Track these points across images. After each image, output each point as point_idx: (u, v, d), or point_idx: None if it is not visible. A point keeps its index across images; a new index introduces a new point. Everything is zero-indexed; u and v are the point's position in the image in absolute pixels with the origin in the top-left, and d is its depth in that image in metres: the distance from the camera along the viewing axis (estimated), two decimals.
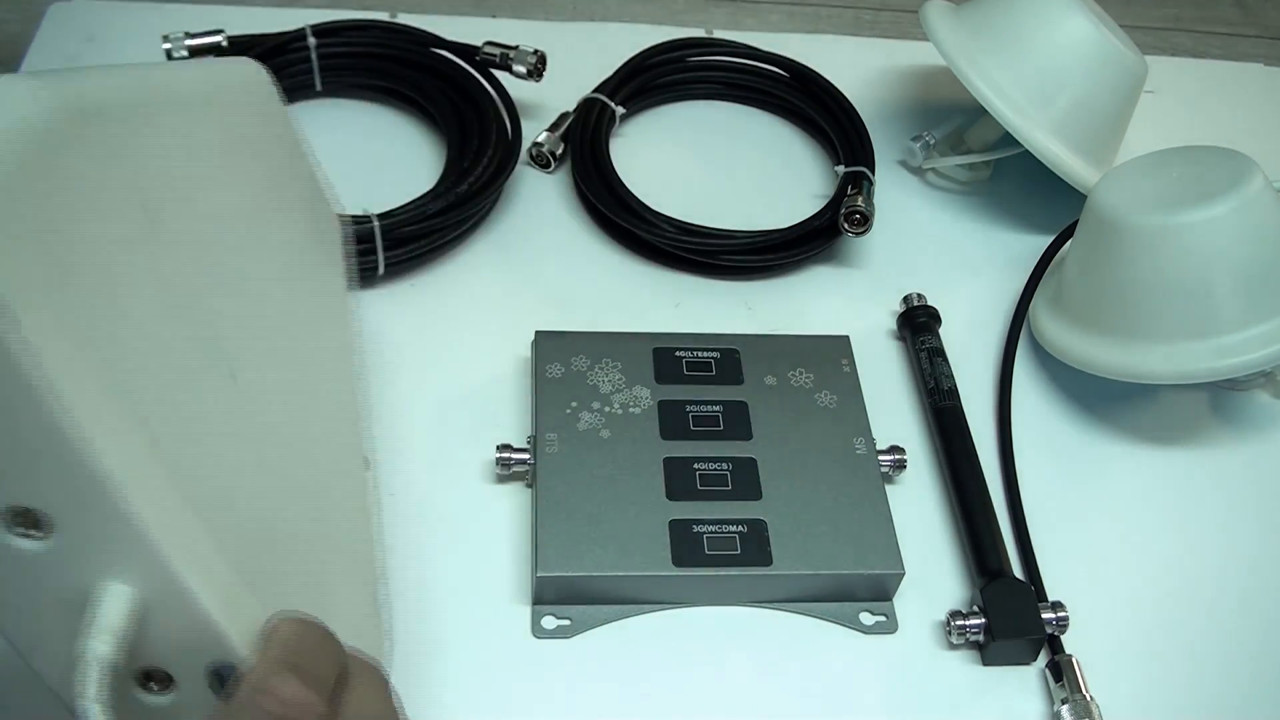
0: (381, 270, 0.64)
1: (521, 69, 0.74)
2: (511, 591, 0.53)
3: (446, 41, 0.75)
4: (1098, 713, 0.50)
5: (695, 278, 0.69)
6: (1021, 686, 0.53)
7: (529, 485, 0.57)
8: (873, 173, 0.71)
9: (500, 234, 0.70)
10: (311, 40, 0.73)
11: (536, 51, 0.74)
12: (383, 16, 0.82)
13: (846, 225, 0.68)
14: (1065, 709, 0.51)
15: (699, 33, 0.83)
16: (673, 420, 0.57)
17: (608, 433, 0.56)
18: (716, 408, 0.58)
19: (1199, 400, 0.66)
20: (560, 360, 0.59)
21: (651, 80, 0.78)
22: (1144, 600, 0.57)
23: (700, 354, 0.60)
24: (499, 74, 0.74)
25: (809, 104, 0.78)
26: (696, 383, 0.59)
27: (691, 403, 0.58)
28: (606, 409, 0.57)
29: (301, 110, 0.74)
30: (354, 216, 0.63)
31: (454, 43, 0.75)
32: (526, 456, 0.56)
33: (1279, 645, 0.56)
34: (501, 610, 0.53)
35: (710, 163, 0.76)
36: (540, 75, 0.74)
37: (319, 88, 0.75)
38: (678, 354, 0.60)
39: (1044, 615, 0.53)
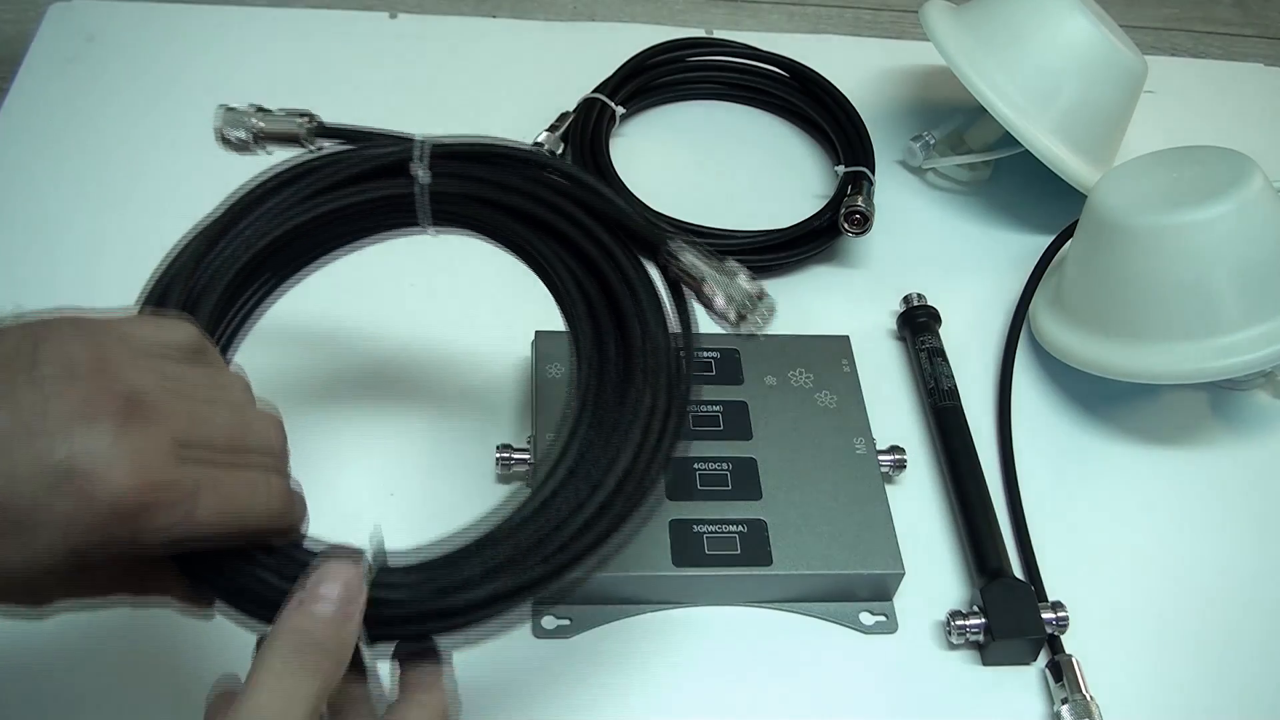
0: None
1: None
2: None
3: None
4: (1098, 713, 0.50)
5: None
6: (1021, 686, 0.53)
7: (529, 485, 0.57)
8: (873, 173, 0.71)
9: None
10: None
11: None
12: (382, 16, 0.82)
13: (846, 225, 0.68)
14: (1065, 709, 0.51)
15: (699, 33, 0.83)
16: None
17: None
18: (716, 408, 0.58)
19: (1199, 400, 0.66)
20: (560, 360, 0.59)
21: (651, 80, 0.78)
22: (1144, 600, 0.57)
23: (700, 354, 0.60)
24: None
25: (809, 104, 0.78)
26: (696, 382, 0.59)
27: (692, 403, 0.58)
28: None
29: None
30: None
31: None
32: (526, 456, 0.56)
33: (1278, 645, 0.56)
34: None
35: (710, 163, 0.76)
36: None
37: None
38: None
39: (1044, 615, 0.53)
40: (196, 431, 0.33)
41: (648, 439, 0.42)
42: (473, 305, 0.65)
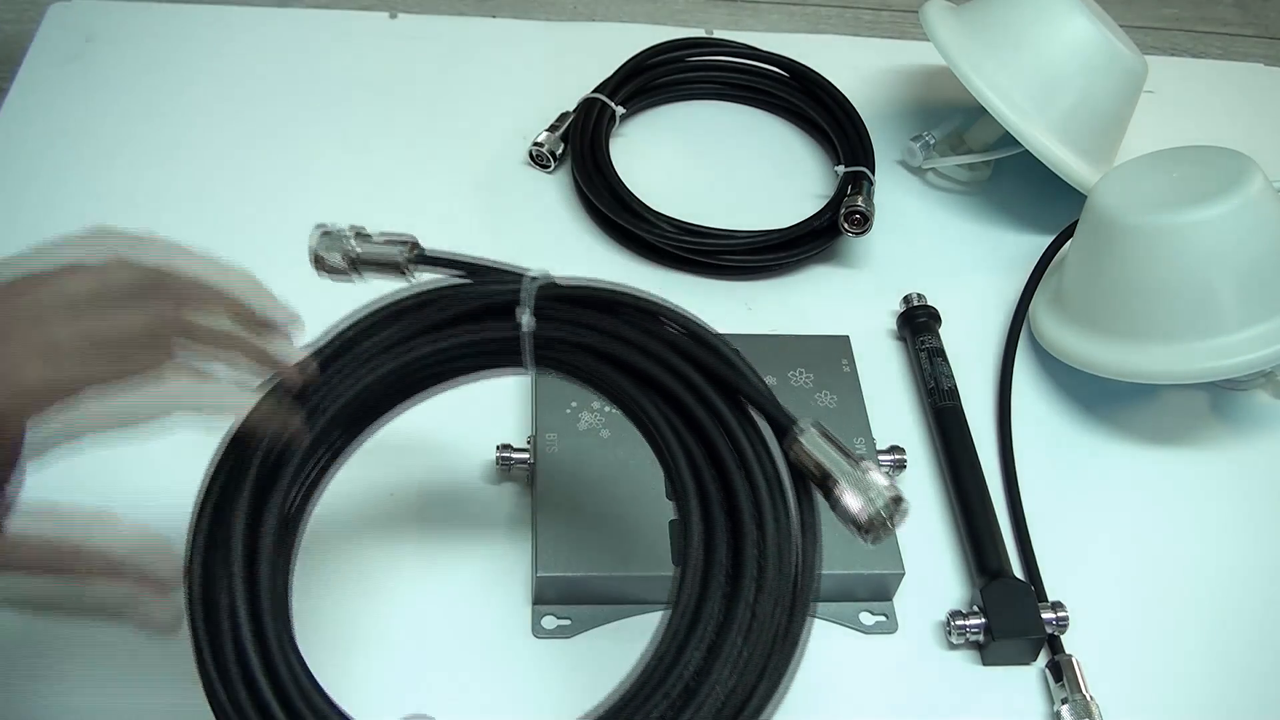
0: None
1: None
2: (512, 591, 0.53)
3: None
4: (1098, 713, 0.50)
5: (695, 277, 0.69)
6: (1021, 686, 0.53)
7: (529, 485, 0.57)
8: (873, 173, 0.71)
9: (501, 233, 0.70)
10: None
11: None
12: (382, 16, 0.82)
13: (846, 225, 0.67)
14: (1065, 709, 0.51)
15: (699, 33, 0.83)
16: None
17: (608, 433, 0.56)
18: None
19: (1199, 400, 0.66)
20: None
21: (651, 80, 0.78)
22: (1144, 600, 0.57)
23: None
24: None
25: (809, 104, 0.78)
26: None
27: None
28: (606, 409, 0.57)
29: None
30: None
31: None
32: (526, 456, 0.56)
33: (1278, 645, 0.56)
34: (501, 610, 0.53)
35: (710, 163, 0.76)
36: None
37: None
38: None
39: (1044, 615, 0.53)
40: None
41: (744, 680, 0.38)
42: None
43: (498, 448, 0.56)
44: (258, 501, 0.41)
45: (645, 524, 0.53)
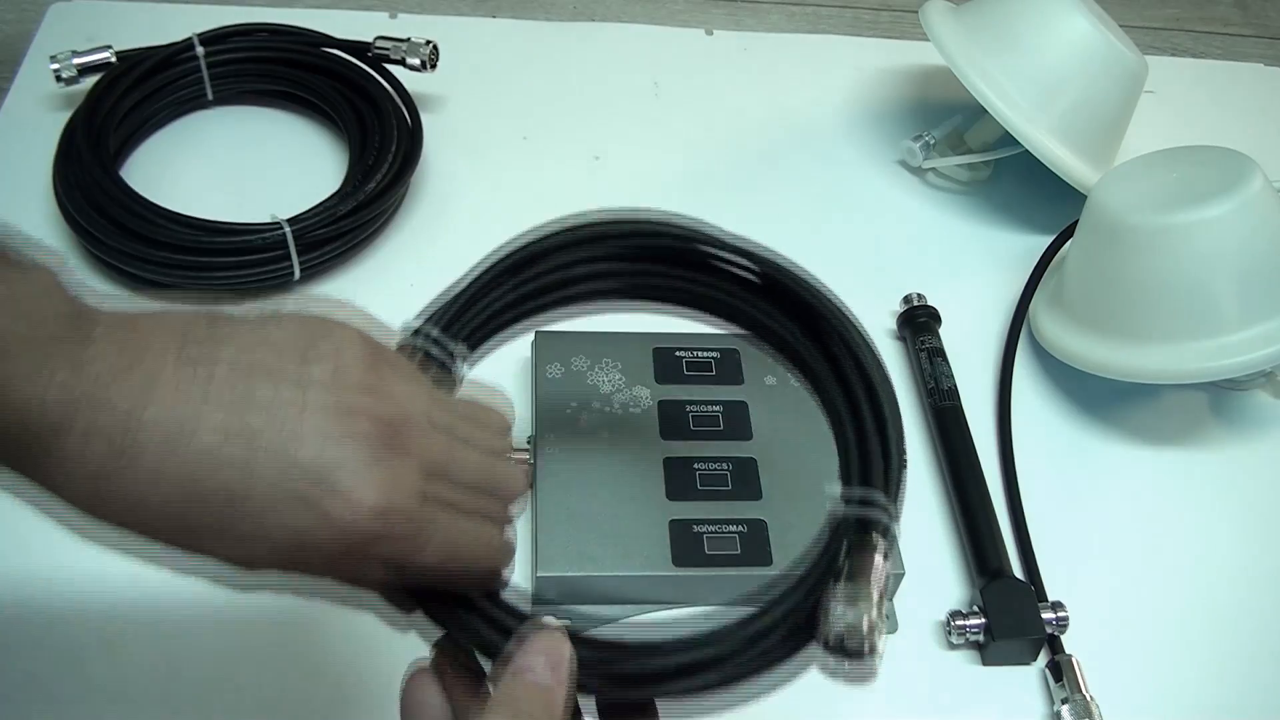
0: (297, 276, 0.63)
1: (415, 61, 0.73)
2: (511, 591, 0.53)
3: (337, 40, 0.73)
4: (1098, 713, 0.50)
5: None
6: (1021, 686, 0.53)
7: (529, 485, 0.57)
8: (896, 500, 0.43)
9: (501, 232, 0.70)
10: (199, 49, 0.70)
11: (429, 43, 0.73)
12: (382, 16, 0.82)
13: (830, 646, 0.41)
14: (1065, 709, 0.51)
15: (699, 33, 0.83)
16: (673, 420, 0.57)
17: (608, 433, 0.56)
18: (716, 408, 0.58)
19: (1199, 400, 0.66)
20: (560, 360, 0.59)
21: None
22: (1144, 600, 0.57)
23: (700, 354, 0.60)
24: (394, 69, 0.73)
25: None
26: (696, 383, 0.59)
27: (691, 403, 0.58)
28: (606, 409, 0.57)
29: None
30: (263, 224, 0.62)
31: (346, 41, 0.73)
32: (526, 456, 0.56)
33: (1278, 645, 0.56)
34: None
35: None
36: (434, 67, 0.73)
37: (210, 97, 0.72)
38: (678, 354, 0.60)
39: (1044, 615, 0.53)
40: (446, 470, 0.33)
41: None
42: None
43: None
44: None
45: (645, 524, 0.53)
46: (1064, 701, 0.51)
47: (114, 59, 0.70)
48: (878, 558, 0.38)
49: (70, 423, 0.28)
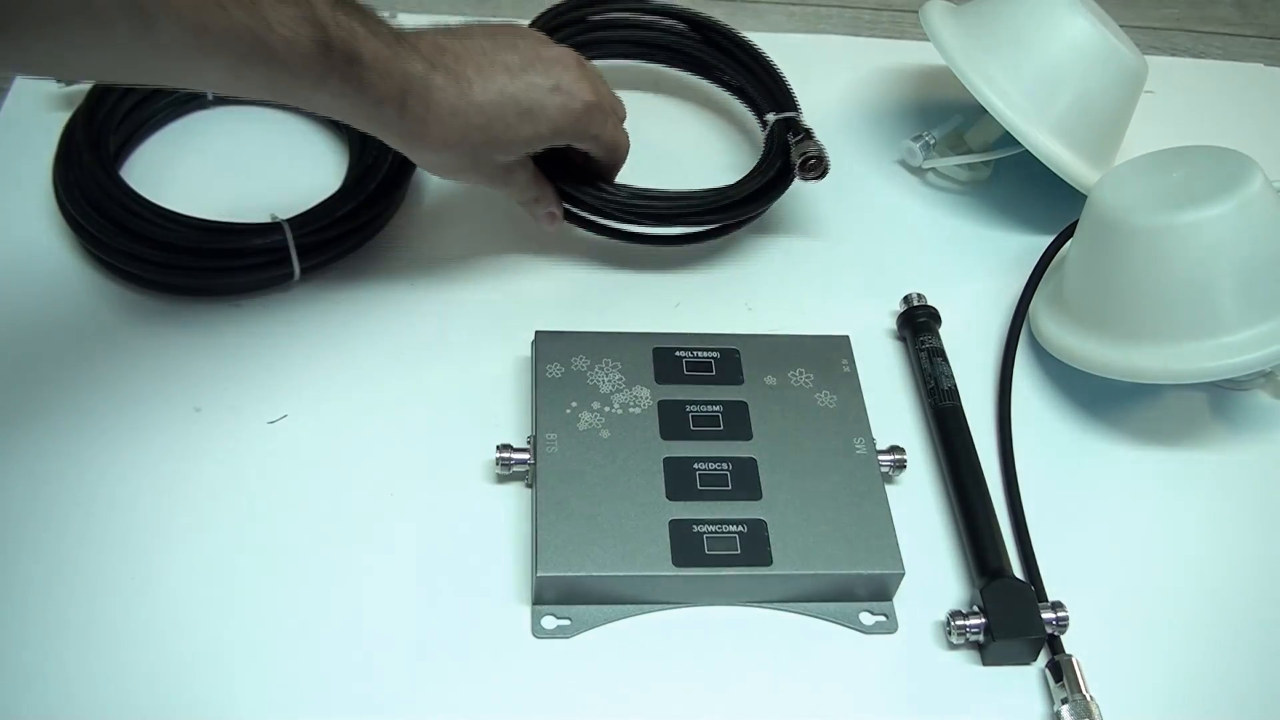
0: (297, 276, 0.63)
1: None
2: (511, 591, 0.53)
3: None
4: (1098, 713, 0.50)
5: (693, 274, 0.69)
6: (1021, 686, 0.53)
7: (529, 485, 0.57)
8: (801, 116, 0.69)
9: (501, 233, 0.70)
10: None
11: None
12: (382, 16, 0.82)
13: (801, 172, 0.66)
14: (1065, 709, 0.51)
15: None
16: (673, 420, 0.57)
17: (608, 433, 0.56)
18: (716, 408, 0.58)
19: (1199, 400, 0.66)
20: (560, 360, 0.59)
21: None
22: (1144, 600, 0.57)
23: (700, 354, 0.60)
24: None
25: (717, 56, 0.75)
26: (696, 383, 0.59)
27: (691, 403, 0.58)
28: (606, 409, 0.57)
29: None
30: (263, 224, 0.62)
31: None
32: (526, 456, 0.56)
33: (1278, 645, 0.56)
34: (501, 610, 0.53)
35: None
36: None
37: (210, 97, 0.72)
38: (678, 354, 0.60)
39: (1044, 615, 0.53)
40: (610, 102, 0.62)
41: None
42: (473, 305, 0.65)
43: (498, 448, 0.56)
44: None
45: (645, 524, 0.53)
46: (1064, 701, 0.51)
47: None
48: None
49: (431, 77, 0.53)
